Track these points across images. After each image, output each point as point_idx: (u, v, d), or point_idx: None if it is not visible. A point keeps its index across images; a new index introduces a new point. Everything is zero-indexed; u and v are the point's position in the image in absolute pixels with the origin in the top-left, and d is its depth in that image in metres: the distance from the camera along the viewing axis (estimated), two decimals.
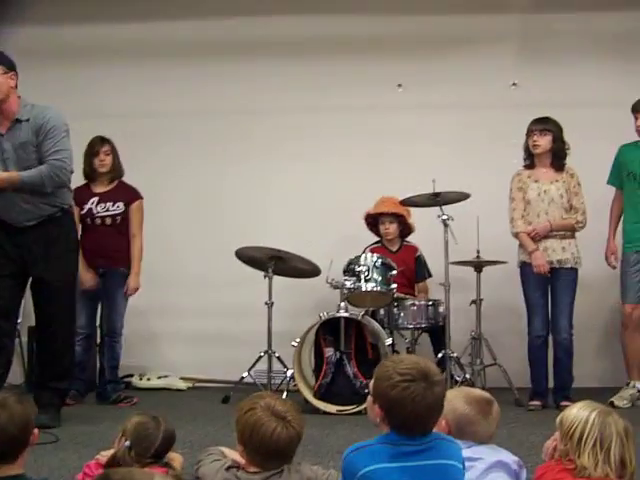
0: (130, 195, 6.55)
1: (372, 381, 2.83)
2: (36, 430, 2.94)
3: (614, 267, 6.42)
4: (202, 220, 7.65)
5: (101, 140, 6.46)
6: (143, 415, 3.37)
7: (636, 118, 6.14)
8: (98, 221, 6.43)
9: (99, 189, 6.49)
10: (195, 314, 7.47)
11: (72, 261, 5.46)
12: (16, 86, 5.20)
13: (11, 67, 5.20)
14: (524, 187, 6.27)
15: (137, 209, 6.57)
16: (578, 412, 2.97)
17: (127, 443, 3.26)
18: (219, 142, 7.72)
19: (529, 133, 6.23)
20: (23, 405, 3.00)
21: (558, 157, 6.27)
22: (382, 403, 2.76)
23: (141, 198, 6.60)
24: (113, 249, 6.50)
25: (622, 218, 6.39)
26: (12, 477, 2.84)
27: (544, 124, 6.19)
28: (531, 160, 6.33)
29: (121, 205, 6.45)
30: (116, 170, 6.56)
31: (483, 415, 3.14)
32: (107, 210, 6.44)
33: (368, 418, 2.91)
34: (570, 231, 6.22)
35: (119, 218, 6.46)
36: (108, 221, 6.45)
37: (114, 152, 6.52)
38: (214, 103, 7.67)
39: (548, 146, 6.20)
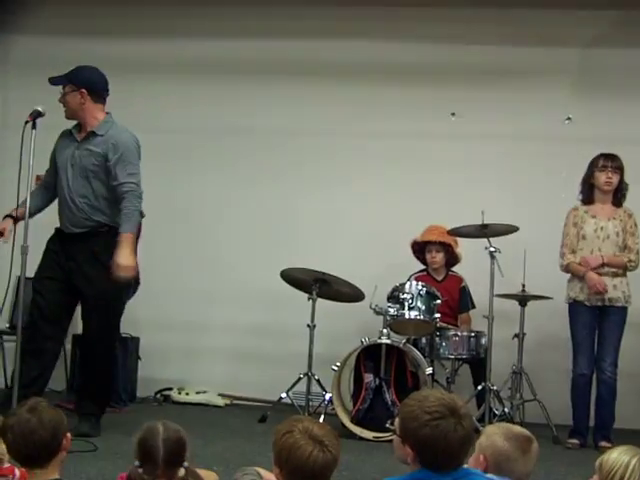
0: None
1: (397, 421, 2.81)
2: (69, 435, 2.99)
3: None
4: (250, 238, 7.67)
5: None
6: (145, 428, 3.31)
7: None
8: None
9: None
10: (237, 331, 7.51)
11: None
12: (103, 102, 5.52)
13: (83, 83, 5.43)
14: (580, 222, 6.20)
15: None
16: (619, 456, 2.93)
17: (136, 463, 3.26)
18: (272, 160, 7.75)
19: (601, 168, 6.14)
20: (54, 410, 3.06)
21: (620, 195, 6.23)
22: (413, 443, 2.73)
23: None
24: None
25: None
26: None
27: (617, 161, 6.14)
28: (589, 195, 6.25)
29: None
30: None
31: (522, 452, 3.11)
32: None
33: (396, 457, 2.89)
34: (622, 269, 6.15)
35: None
36: None
37: None
38: (262, 121, 7.73)
39: (617, 184, 6.17)
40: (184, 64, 7.84)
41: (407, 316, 6.13)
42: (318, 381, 6.44)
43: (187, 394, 7.34)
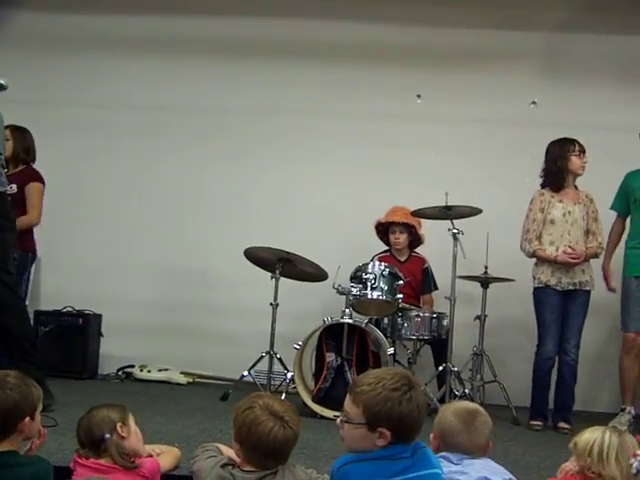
0: (25, 178, 6.45)
1: (358, 413, 2.83)
2: (27, 420, 3.06)
3: (614, 290, 6.43)
4: (212, 218, 7.68)
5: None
6: None
7: None
8: None
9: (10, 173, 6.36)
10: (199, 310, 7.51)
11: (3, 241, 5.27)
12: None
13: None
14: (547, 207, 6.22)
15: (30, 191, 6.43)
16: (592, 434, 3.10)
17: None
18: (235, 141, 7.75)
19: (577, 153, 6.17)
20: (22, 389, 3.08)
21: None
22: (389, 424, 2.75)
23: (38, 181, 6.48)
24: None
25: (626, 244, 6.37)
26: (3, 453, 2.98)
27: (582, 146, 6.21)
28: (558, 180, 6.26)
29: (14, 187, 6.23)
30: (18, 155, 6.53)
31: (466, 425, 3.16)
32: None
33: (353, 449, 2.89)
34: (595, 257, 6.25)
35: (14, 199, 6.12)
36: None
37: (15, 138, 6.49)
38: (227, 101, 7.72)
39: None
40: (154, 40, 7.84)
41: (370, 296, 6.13)
42: (280, 360, 6.44)
43: (149, 371, 7.32)
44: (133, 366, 7.41)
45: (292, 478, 3.11)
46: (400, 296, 6.20)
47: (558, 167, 6.23)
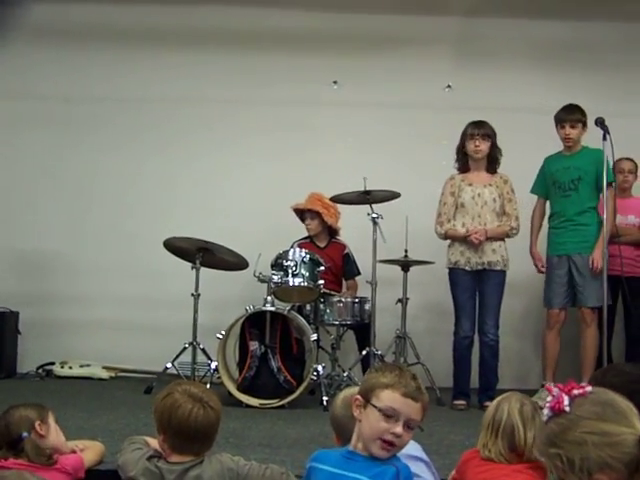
0: None
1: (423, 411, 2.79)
2: None
3: (543, 272, 6.53)
4: (129, 209, 7.58)
5: None
6: None
7: (562, 127, 6.26)
8: None
9: None
10: (119, 303, 7.39)
11: None
12: None
13: None
14: (457, 191, 6.31)
15: None
16: (493, 402, 3.22)
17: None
18: (155, 129, 7.66)
19: (469, 137, 6.26)
20: None
21: (493, 161, 6.35)
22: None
23: None
24: None
25: (548, 225, 6.48)
26: None
27: (485, 129, 6.25)
28: (464, 163, 6.37)
29: None
30: None
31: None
32: None
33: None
34: (505, 237, 6.31)
35: None
36: None
37: None
38: (147, 90, 7.61)
39: (487, 151, 6.27)
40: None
41: (291, 283, 6.11)
42: (203, 350, 6.40)
43: (70, 368, 7.20)
44: (53, 363, 7.26)
45: (219, 466, 3.09)
46: (321, 282, 6.19)
47: (459, 150, 6.37)
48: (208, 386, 5.69)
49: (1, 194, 7.56)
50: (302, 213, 6.95)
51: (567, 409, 2.13)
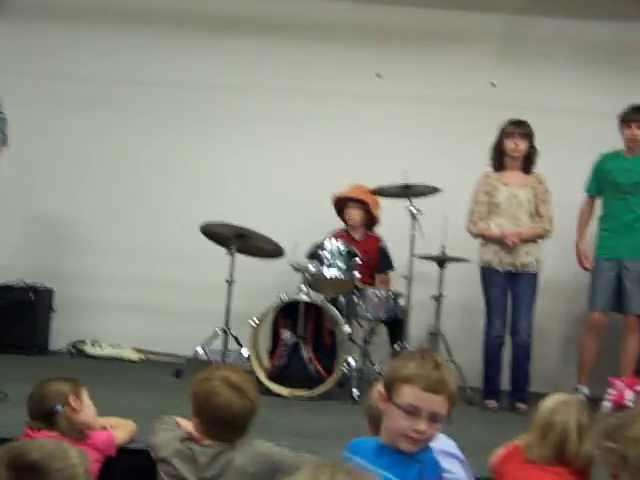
0: None
1: (449, 401, 2.72)
2: None
3: (588, 269, 6.44)
4: (170, 192, 7.56)
5: None
6: None
7: (629, 127, 6.16)
8: None
9: None
10: (153, 286, 7.40)
11: None
12: None
13: None
14: (492, 190, 6.25)
15: None
16: (547, 401, 3.21)
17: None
18: (193, 116, 7.61)
19: (509, 135, 6.20)
20: None
21: (529, 162, 6.28)
22: None
23: None
24: None
25: (599, 225, 6.40)
26: None
27: (524, 128, 6.18)
28: (500, 162, 6.31)
29: None
30: None
31: None
32: None
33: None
34: (539, 239, 6.24)
35: None
36: None
37: None
38: (195, 77, 7.58)
39: (525, 151, 6.20)
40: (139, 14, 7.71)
41: (326, 274, 6.06)
42: (235, 337, 6.38)
43: (101, 347, 7.23)
44: (84, 342, 7.29)
45: (251, 451, 3.08)
46: (357, 274, 6.15)
47: (495, 149, 6.31)
48: None
49: (39, 171, 7.57)
50: (343, 203, 6.91)
51: (630, 404, 2.09)
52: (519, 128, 6.18)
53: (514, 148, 6.18)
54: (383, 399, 2.74)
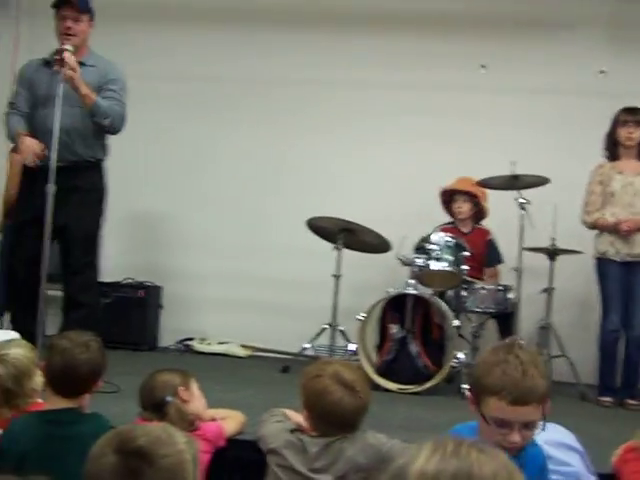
0: None
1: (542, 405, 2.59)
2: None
3: None
4: (275, 187, 7.59)
5: None
6: None
7: None
8: None
9: None
10: (260, 282, 7.42)
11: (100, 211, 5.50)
12: None
13: (93, 16, 5.40)
14: (606, 180, 6.09)
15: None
16: None
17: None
18: (300, 110, 7.59)
19: (622, 123, 6.03)
20: (102, 353, 3.19)
21: None
22: None
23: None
24: None
25: None
26: (69, 409, 3.10)
27: (638, 115, 6.01)
28: (614, 151, 6.15)
29: None
30: None
31: None
32: None
33: None
34: None
35: None
36: None
37: None
38: (291, 72, 7.59)
39: (639, 138, 6.03)
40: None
41: (434, 267, 5.96)
42: (342, 332, 6.35)
43: (209, 344, 7.29)
44: (193, 339, 7.36)
45: (362, 442, 3.04)
46: (465, 268, 6.05)
47: (609, 137, 6.15)
48: None
49: (144, 169, 7.65)
50: (450, 196, 6.82)
51: None
52: (633, 115, 6.02)
53: (628, 136, 6.03)
54: (472, 403, 2.65)
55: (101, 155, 5.47)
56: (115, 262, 7.37)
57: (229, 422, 3.61)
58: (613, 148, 6.15)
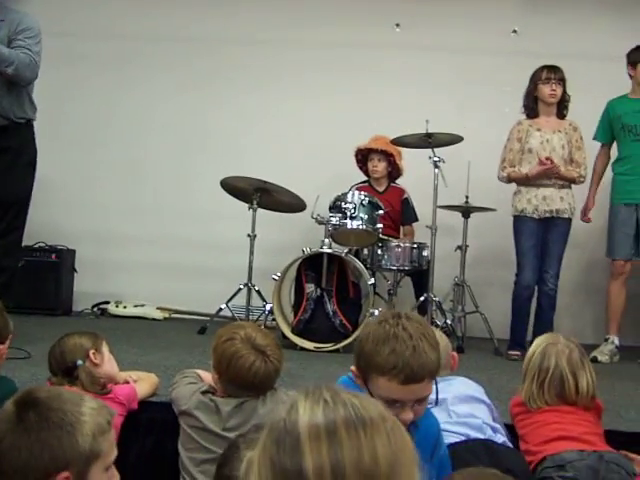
0: None
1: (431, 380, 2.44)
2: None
3: (588, 221, 6.41)
4: (185, 149, 7.52)
5: None
6: None
7: (634, 67, 6.06)
8: None
9: None
10: (175, 245, 7.37)
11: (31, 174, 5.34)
12: None
13: None
14: (524, 137, 6.14)
15: None
16: (533, 346, 3.22)
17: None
18: (211, 72, 7.54)
19: (545, 81, 6.08)
20: (4, 316, 3.21)
21: (563, 107, 6.20)
22: None
23: None
24: None
25: (613, 171, 6.28)
26: None
27: (559, 73, 6.08)
28: (534, 108, 6.19)
29: None
30: None
31: None
32: None
33: None
34: (571, 182, 6.14)
35: None
36: None
37: None
38: (203, 32, 7.49)
39: (560, 96, 6.12)
40: None
41: (349, 226, 5.95)
42: (258, 292, 6.33)
43: (125, 307, 7.20)
44: (108, 302, 7.28)
45: (274, 401, 3.03)
46: (380, 226, 6.05)
47: (529, 95, 6.19)
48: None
49: (59, 131, 7.48)
50: (366, 155, 6.82)
51: None
52: (555, 73, 6.07)
53: (551, 94, 6.08)
54: (357, 377, 2.48)
55: (31, 115, 5.25)
56: (27, 226, 7.22)
57: (142, 384, 3.57)
58: (533, 105, 6.19)
